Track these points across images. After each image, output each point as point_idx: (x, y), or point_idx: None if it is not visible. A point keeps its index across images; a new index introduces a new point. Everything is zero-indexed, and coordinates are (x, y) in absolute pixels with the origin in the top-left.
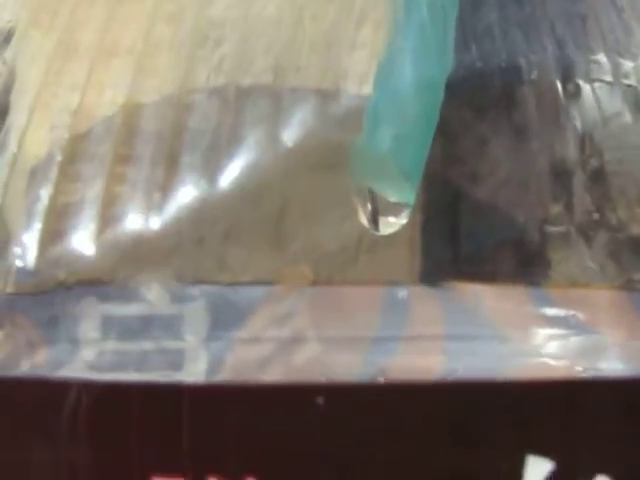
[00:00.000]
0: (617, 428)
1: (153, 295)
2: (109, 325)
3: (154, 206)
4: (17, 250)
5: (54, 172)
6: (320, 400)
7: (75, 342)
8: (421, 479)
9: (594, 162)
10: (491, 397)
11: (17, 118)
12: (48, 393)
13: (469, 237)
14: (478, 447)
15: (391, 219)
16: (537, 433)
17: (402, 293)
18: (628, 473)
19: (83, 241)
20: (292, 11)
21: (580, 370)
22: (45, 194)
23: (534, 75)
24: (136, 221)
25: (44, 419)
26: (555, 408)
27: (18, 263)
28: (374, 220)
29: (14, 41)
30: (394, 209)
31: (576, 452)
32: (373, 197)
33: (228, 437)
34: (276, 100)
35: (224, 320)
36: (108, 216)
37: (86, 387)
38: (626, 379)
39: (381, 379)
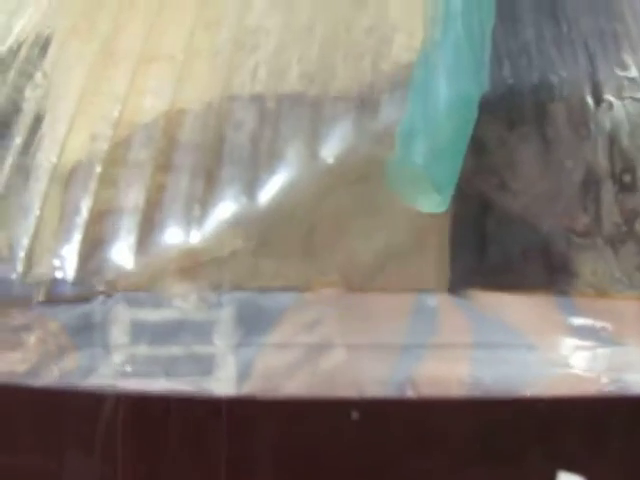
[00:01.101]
0: None
1: (183, 301)
2: (139, 331)
3: (193, 220)
4: (56, 262)
5: (93, 182)
6: (355, 415)
7: (105, 347)
8: None
9: (623, 175)
10: (521, 412)
11: (55, 126)
12: (84, 402)
13: (497, 247)
14: (508, 461)
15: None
16: (567, 448)
17: (430, 301)
18: None
19: (122, 253)
20: (327, 20)
21: (606, 382)
22: (84, 205)
23: (566, 91)
24: (175, 235)
25: (80, 428)
26: (585, 423)
27: (57, 275)
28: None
29: (52, 49)
30: None
31: (606, 466)
32: None
33: (264, 449)
34: (315, 111)
35: (253, 326)
36: (147, 228)
37: (123, 397)
38: None
39: (408, 389)
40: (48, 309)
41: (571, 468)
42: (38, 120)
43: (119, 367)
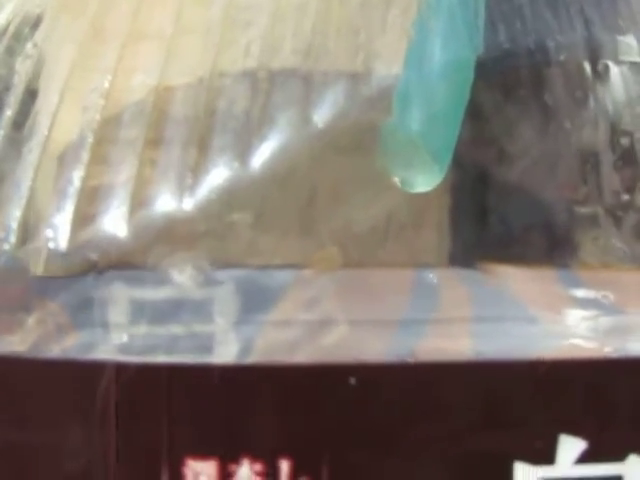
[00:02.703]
0: None
1: (183, 279)
2: (139, 309)
3: (186, 188)
4: (49, 232)
5: (85, 154)
6: (353, 380)
7: (105, 326)
8: (453, 459)
9: (623, 143)
10: (523, 377)
11: (47, 101)
12: (81, 375)
13: (498, 219)
14: (511, 427)
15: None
16: (569, 413)
17: (431, 276)
18: None
19: (115, 223)
20: None
21: (609, 351)
22: (77, 176)
23: (562, 56)
24: (168, 203)
25: (77, 401)
26: (587, 388)
27: (50, 245)
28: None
29: (43, 26)
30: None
31: (608, 432)
32: None
33: (261, 418)
34: (307, 82)
35: (254, 303)
36: (140, 198)
37: (118, 369)
38: None
39: (410, 361)
40: (46, 288)
41: (573, 432)
42: (30, 94)
43: (118, 346)
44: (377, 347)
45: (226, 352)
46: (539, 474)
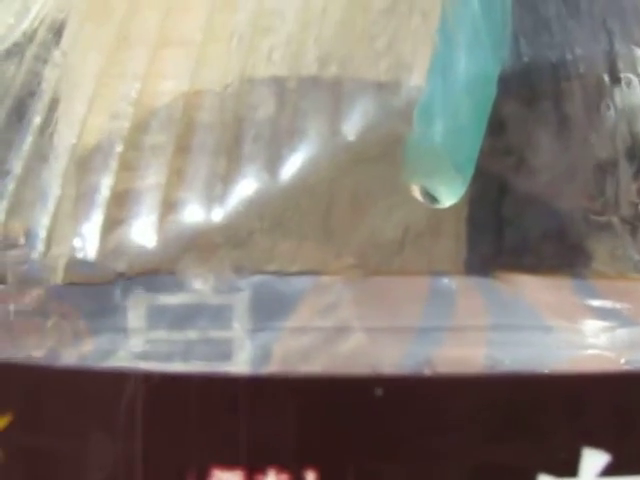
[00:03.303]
0: None
1: (200, 285)
2: (156, 315)
3: (215, 198)
4: (77, 241)
5: (114, 161)
6: (379, 392)
7: (121, 332)
8: (477, 471)
9: (638, 156)
10: (544, 389)
11: (72, 108)
12: (106, 383)
13: (514, 228)
14: (533, 439)
15: (446, 190)
16: (592, 426)
17: (448, 284)
18: None
19: (143, 233)
20: (343, 1)
21: (624, 362)
22: (105, 183)
23: (582, 69)
24: (197, 213)
25: (102, 410)
26: (608, 400)
27: (78, 254)
28: (428, 193)
29: (67, 32)
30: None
31: (631, 445)
32: None
33: (288, 429)
34: (335, 91)
35: (271, 310)
36: (168, 207)
37: (143, 378)
38: None
39: (426, 370)
40: (64, 293)
41: (596, 446)
42: (55, 101)
43: (136, 351)
44: (394, 355)
45: (242, 359)
46: None
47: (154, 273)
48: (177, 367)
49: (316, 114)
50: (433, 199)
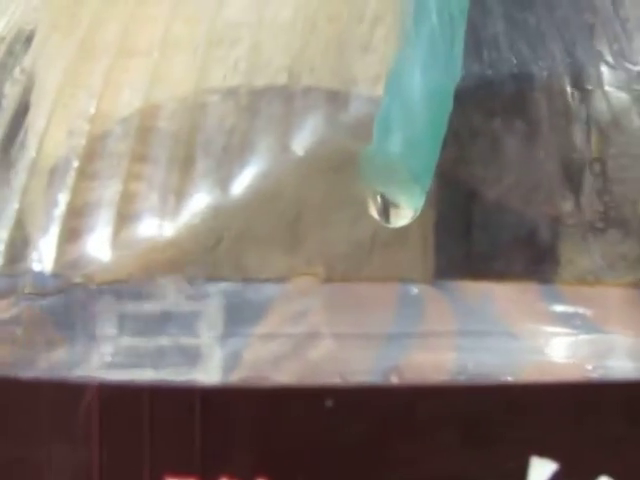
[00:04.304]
0: (621, 429)
1: (170, 293)
2: (126, 322)
3: (169, 209)
4: (34, 254)
5: (71, 176)
6: (329, 402)
7: (92, 340)
8: (428, 479)
9: (603, 163)
10: (495, 397)
11: (36, 120)
12: (64, 393)
13: (481, 235)
14: (483, 447)
15: (402, 212)
16: (542, 433)
17: (415, 291)
18: (631, 474)
19: (99, 244)
20: (307, 12)
21: (589, 369)
22: (62, 198)
23: (545, 81)
24: (152, 223)
25: (60, 418)
26: (560, 409)
27: (35, 267)
28: (385, 214)
29: (34, 44)
30: None
31: (580, 453)
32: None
33: (240, 437)
34: (288, 104)
35: (240, 317)
36: (124, 219)
37: (100, 387)
38: (631, 380)
39: (394, 377)
40: (36, 302)
41: (545, 453)
42: (18, 116)
43: (107, 359)
44: (363, 361)
45: (212, 365)
46: None
47: (113, 283)
48: (148, 374)
49: (267, 130)
50: (388, 218)
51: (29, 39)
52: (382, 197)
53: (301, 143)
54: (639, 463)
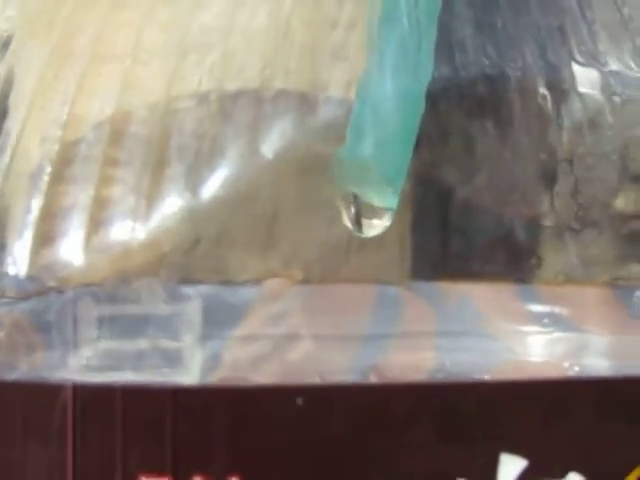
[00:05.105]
0: (591, 426)
1: (149, 295)
2: (105, 325)
3: (143, 212)
4: (9, 258)
5: (44, 182)
6: (299, 401)
7: (72, 343)
8: (401, 476)
9: (579, 164)
10: (466, 397)
11: (13, 126)
12: (39, 395)
13: (458, 236)
14: (454, 444)
15: (374, 221)
16: (512, 430)
17: (393, 292)
18: (600, 471)
19: (73, 248)
20: (280, 18)
21: (566, 367)
22: (35, 204)
23: (517, 82)
24: (125, 227)
25: (36, 420)
26: (530, 406)
27: (11, 270)
28: (358, 223)
29: (11, 50)
30: (377, 212)
31: (550, 450)
32: (356, 200)
33: (212, 437)
34: (258, 108)
35: (219, 319)
36: (98, 222)
37: (74, 388)
38: (602, 378)
39: (372, 377)
40: (16, 305)
41: (515, 450)
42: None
43: (86, 362)
44: (341, 361)
45: (192, 367)
46: None
47: (88, 287)
48: (128, 376)
49: (236, 133)
50: (360, 228)
51: (6, 45)
52: (355, 207)
53: (271, 146)
54: (609, 460)
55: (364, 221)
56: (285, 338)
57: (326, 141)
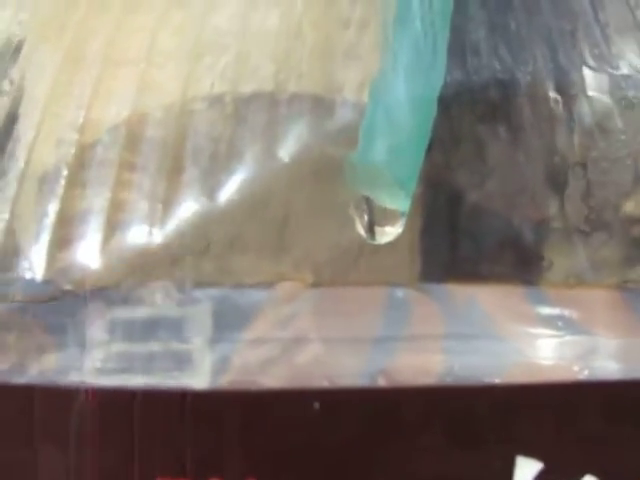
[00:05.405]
0: (605, 428)
1: (159, 298)
2: (116, 328)
3: (158, 216)
4: (25, 262)
5: (61, 185)
6: (317, 405)
7: (83, 346)
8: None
9: (588, 167)
10: (481, 400)
11: (25, 131)
12: (57, 398)
13: (467, 239)
14: (469, 448)
15: (387, 229)
16: (527, 433)
17: (402, 294)
18: (615, 473)
19: (89, 251)
20: (292, 20)
21: (576, 370)
22: (52, 208)
23: (528, 86)
24: (139, 234)
25: (53, 423)
26: (544, 409)
27: (27, 275)
28: (371, 230)
29: (23, 55)
30: (390, 219)
31: (565, 452)
32: (369, 207)
33: (229, 440)
34: (274, 111)
35: (229, 322)
36: (114, 226)
37: (92, 392)
38: (614, 381)
39: (382, 380)
40: (28, 308)
41: (531, 453)
42: (7, 127)
43: (98, 364)
44: (351, 364)
45: (202, 370)
46: None
47: (103, 289)
48: (138, 379)
49: (253, 137)
50: (373, 235)
51: (17, 50)
52: (368, 214)
53: (287, 150)
54: (623, 462)
55: (377, 229)
56: (294, 341)
57: (340, 144)
